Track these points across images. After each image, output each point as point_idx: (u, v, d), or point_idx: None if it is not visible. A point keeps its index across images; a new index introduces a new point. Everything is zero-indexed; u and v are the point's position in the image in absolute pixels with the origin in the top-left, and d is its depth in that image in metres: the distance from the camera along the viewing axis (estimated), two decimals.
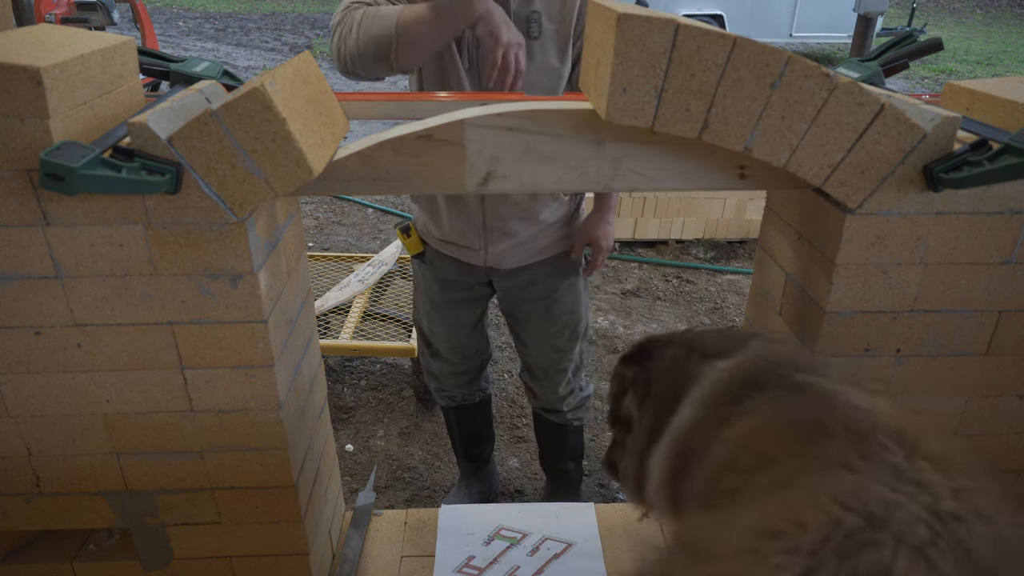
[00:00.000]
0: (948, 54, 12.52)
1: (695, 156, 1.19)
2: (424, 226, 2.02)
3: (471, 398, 2.39)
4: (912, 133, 1.11)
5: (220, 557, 1.49)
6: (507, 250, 1.94)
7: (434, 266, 2.05)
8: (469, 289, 2.09)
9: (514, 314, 2.16)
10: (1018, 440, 1.42)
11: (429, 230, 2.01)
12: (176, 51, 11.41)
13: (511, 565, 1.76)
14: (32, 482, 1.37)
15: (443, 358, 2.24)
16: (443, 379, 2.30)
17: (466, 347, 2.22)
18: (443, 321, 2.14)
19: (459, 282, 2.06)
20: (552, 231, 1.97)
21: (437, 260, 2.04)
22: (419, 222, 2.05)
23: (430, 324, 2.18)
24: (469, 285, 2.08)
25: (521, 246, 1.95)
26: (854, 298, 1.26)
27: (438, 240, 1.99)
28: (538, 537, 1.84)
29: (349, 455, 3.01)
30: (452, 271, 2.04)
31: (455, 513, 1.92)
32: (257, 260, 1.20)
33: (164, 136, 1.06)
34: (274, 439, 1.35)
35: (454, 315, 2.13)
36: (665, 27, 1.02)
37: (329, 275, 3.69)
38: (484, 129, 1.16)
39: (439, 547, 1.81)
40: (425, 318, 2.18)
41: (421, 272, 2.12)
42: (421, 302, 2.18)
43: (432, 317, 2.16)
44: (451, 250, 1.99)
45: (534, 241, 1.96)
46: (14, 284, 1.17)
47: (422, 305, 2.18)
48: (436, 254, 2.03)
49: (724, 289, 4.45)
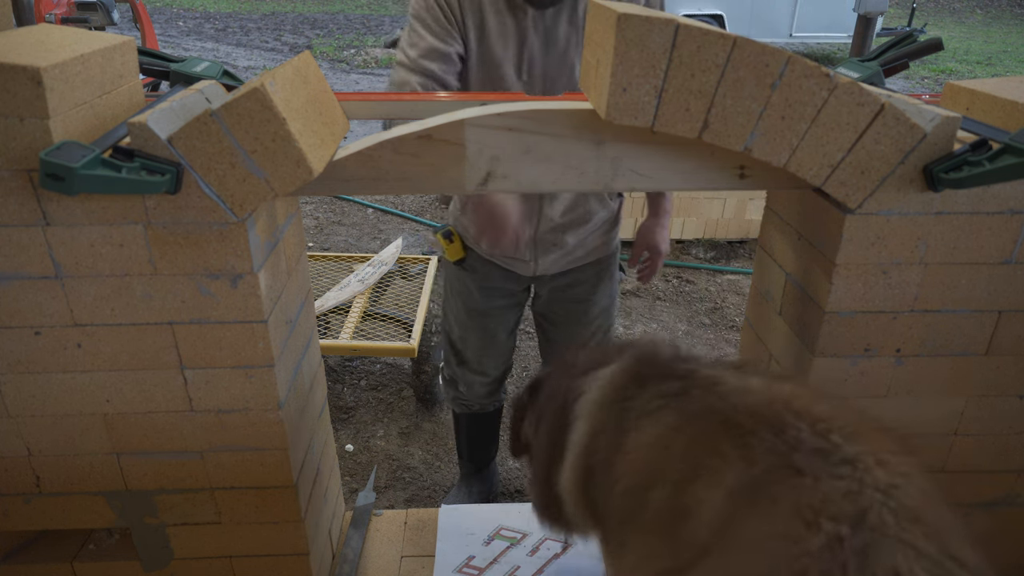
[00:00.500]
0: (948, 54, 12.52)
1: (695, 156, 1.19)
2: (466, 232, 1.98)
3: (487, 407, 2.38)
4: (912, 133, 1.11)
5: (220, 557, 1.49)
6: (556, 259, 1.96)
7: (476, 272, 2.02)
8: (512, 296, 2.08)
9: (548, 315, 2.15)
10: (1018, 440, 1.42)
11: (475, 245, 1.97)
12: (176, 51, 11.41)
13: (511, 565, 1.76)
14: (32, 482, 1.37)
15: (470, 367, 2.20)
16: (467, 388, 2.26)
17: (497, 354, 2.20)
18: (480, 327, 2.10)
19: (502, 288, 2.05)
20: (597, 235, 1.99)
21: (480, 266, 2.01)
22: (462, 228, 1.99)
23: (462, 331, 2.14)
24: (512, 292, 2.07)
25: (569, 254, 1.97)
26: (854, 298, 1.26)
27: (485, 249, 1.97)
28: (538, 537, 1.84)
29: (349, 455, 3.01)
30: (497, 278, 2.02)
31: (455, 513, 1.92)
32: (257, 260, 1.20)
33: (164, 136, 1.06)
34: (274, 439, 1.35)
35: (494, 321, 2.11)
36: (665, 27, 1.02)
37: (329, 275, 3.68)
38: (484, 129, 1.16)
39: (439, 547, 1.81)
40: (457, 325, 2.13)
41: (458, 278, 2.06)
42: (454, 309, 2.13)
43: (466, 324, 2.11)
44: (498, 258, 1.98)
45: (581, 247, 1.98)
46: (14, 284, 1.17)
47: (455, 312, 2.13)
48: (480, 260, 2.00)
49: (724, 289, 4.45)
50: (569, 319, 2.12)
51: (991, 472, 1.44)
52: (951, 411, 1.38)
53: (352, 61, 11.55)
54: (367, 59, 11.70)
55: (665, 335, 3.94)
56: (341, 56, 11.87)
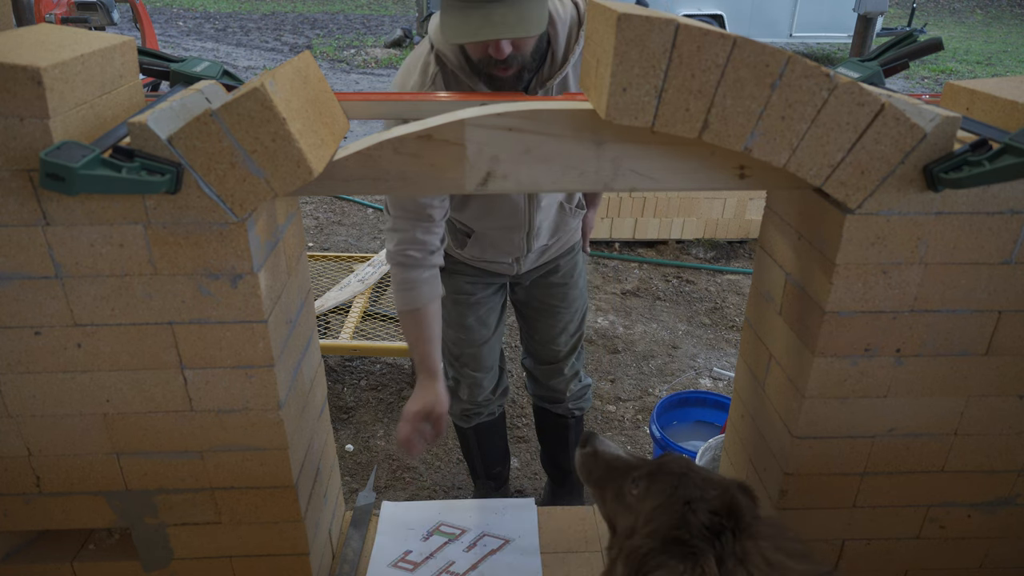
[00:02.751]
0: (948, 54, 12.52)
1: (695, 156, 1.19)
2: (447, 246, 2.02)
3: (495, 410, 2.40)
4: (912, 133, 1.11)
5: (220, 557, 1.49)
6: (535, 258, 2.07)
7: (456, 274, 2.09)
8: (495, 284, 2.17)
9: (530, 303, 2.23)
10: (1018, 440, 1.42)
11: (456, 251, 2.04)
12: (176, 51, 11.41)
13: (446, 560, 1.75)
14: (32, 482, 1.37)
15: (474, 366, 2.23)
16: (470, 390, 2.29)
17: (495, 338, 2.26)
18: (474, 316, 2.15)
19: (483, 282, 2.14)
20: (572, 229, 2.12)
21: (461, 268, 2.09)
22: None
23: (456, 332, 2.17)
24: (495, 282, 2.16)
25: (547, 251, 2.09)
26: (854, 298, 1.26)
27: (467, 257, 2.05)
28: (476, 533, 1.84)
29: (349, 455, 3.01)
30: (478, 274, 2.11)
31: (397, 509, 1.92)
32: (257, 260, 1.20)
33: (164, 136, 1.06)
34: (274, 439, 1.35)
35: (484, 307, 2.18)
36: (665, 27, 1.02)
37: (329, 275, 3.69)
38: (484, 129, 1.16)
39: (377, 540, 1.81)
40: (450, 328, 2.15)
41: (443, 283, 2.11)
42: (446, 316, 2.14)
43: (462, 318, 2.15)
44: (477, 263, 2.06)
45: (557, 243, 2.09)
46: (14, 284, 1.17)
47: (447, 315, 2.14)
48: (459, 264, 2.07)
49: (724, 289, 4.45)
50: (552, 302, 2.21)
51: (991, 472, 1.44)
52: (951, 411, 1.38)
53: (352, 61, 11.56)
54: (367, 59, 11.70)
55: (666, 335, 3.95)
56: (341, 56, 11.87)
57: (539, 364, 2.35)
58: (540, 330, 2.26)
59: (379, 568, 1.72)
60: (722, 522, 1.11)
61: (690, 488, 1.17)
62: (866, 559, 1.54)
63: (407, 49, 12.53)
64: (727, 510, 1.12)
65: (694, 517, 1.12)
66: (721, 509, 1.13)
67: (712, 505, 1.14)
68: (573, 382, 2.37)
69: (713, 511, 1.13)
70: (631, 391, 3.51)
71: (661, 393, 3.48)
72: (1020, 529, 1.52)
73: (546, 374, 2.35)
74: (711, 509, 1.13)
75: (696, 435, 2.69)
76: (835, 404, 1.35)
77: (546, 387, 2.38)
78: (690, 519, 1.12)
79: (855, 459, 1.41)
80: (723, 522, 1.11)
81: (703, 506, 1.14)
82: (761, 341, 1.55)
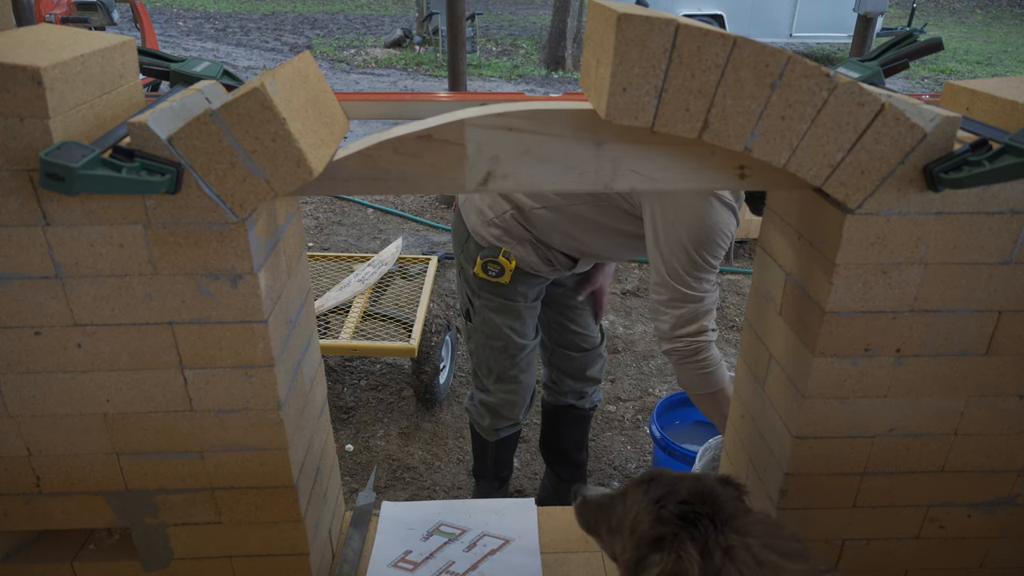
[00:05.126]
0: (948, 54, 12.52)
1: (695, 156, 1.19)
2: (527, 261, 2.11)
3: (522, 420, 2.46)
4: (912, 133, 1.11)
5: (220, 557, 1.49)
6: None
7: (519, 283, 2.17)
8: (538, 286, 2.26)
9: (568, 303, 2.39)
10: (1018, 440, 1.42)
11: (536, 266, 2.13)
12: (176, 51, 11.41)
13: (446, 560, 1.75)
14: (32, 482, 1.37)
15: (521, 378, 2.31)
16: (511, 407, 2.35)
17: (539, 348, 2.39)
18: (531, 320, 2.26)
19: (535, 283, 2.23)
20: None
21: (523, 277, 2.17)
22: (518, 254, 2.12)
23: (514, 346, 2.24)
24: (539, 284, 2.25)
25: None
26: (854, 298, 1.26)
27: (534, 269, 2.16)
28: (476, 533, 1.84)
29: (349, 455, 3.01)
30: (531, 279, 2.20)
31: (397, 509, 1.92)
32: (257, 260, 1.20)
33: (164, 136, 1.06)
34: (274, 439, 1.35)
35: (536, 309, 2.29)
36: (665, 27, 1.02)
37: (329, 275, 3.68)
38: (484, 129, 1.16)
39: (377, 540, 1.81)
40: (513, 334, 2.23)
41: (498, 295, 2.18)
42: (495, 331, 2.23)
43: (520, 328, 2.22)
44: (543, 272, 2.17)
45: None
46: (14, 284, 1.17)
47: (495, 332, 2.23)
48: (521, 273, 2.15)
49: (724, 289, 4.45)
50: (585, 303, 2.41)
51: (991, 472, 1.45)
52: (951, 411, 1.38)
53: (352, 61, 11.56)
54: (367, 59, 11.71)
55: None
56: (341, 56, 11.87)
57: (577, 352, 2.46)
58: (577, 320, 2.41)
59: (379, 568, 1.72)
60: (695, 509, 1.13)
61: (659, 488, 1.20)
62: (866, 559, 1.54)
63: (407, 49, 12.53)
64: (698, 498, 1.15)
65: (665, 511, 1.15)
66: (690, 497, 1.15)
67: (681, 496, 1.16)
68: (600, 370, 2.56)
69: (682, 500, 1.15)
70: (631, 391, 3.52)
71: (661, 393, 3.48)
72: (1020, 529, 1.52)
73: (582, 364, 2.48)
74: (680, 499, 1.15)
75: (696, 435, 2.69)
76: (835, 404, 1.35)
77: (583, 379, 2.51)
78: (663, 514, 1.15)
79: (855, 459, 1.41)
80: (696, 508, 1.13)
81: (672, 499, 1.16)
82: (761, 341, 1.55)
